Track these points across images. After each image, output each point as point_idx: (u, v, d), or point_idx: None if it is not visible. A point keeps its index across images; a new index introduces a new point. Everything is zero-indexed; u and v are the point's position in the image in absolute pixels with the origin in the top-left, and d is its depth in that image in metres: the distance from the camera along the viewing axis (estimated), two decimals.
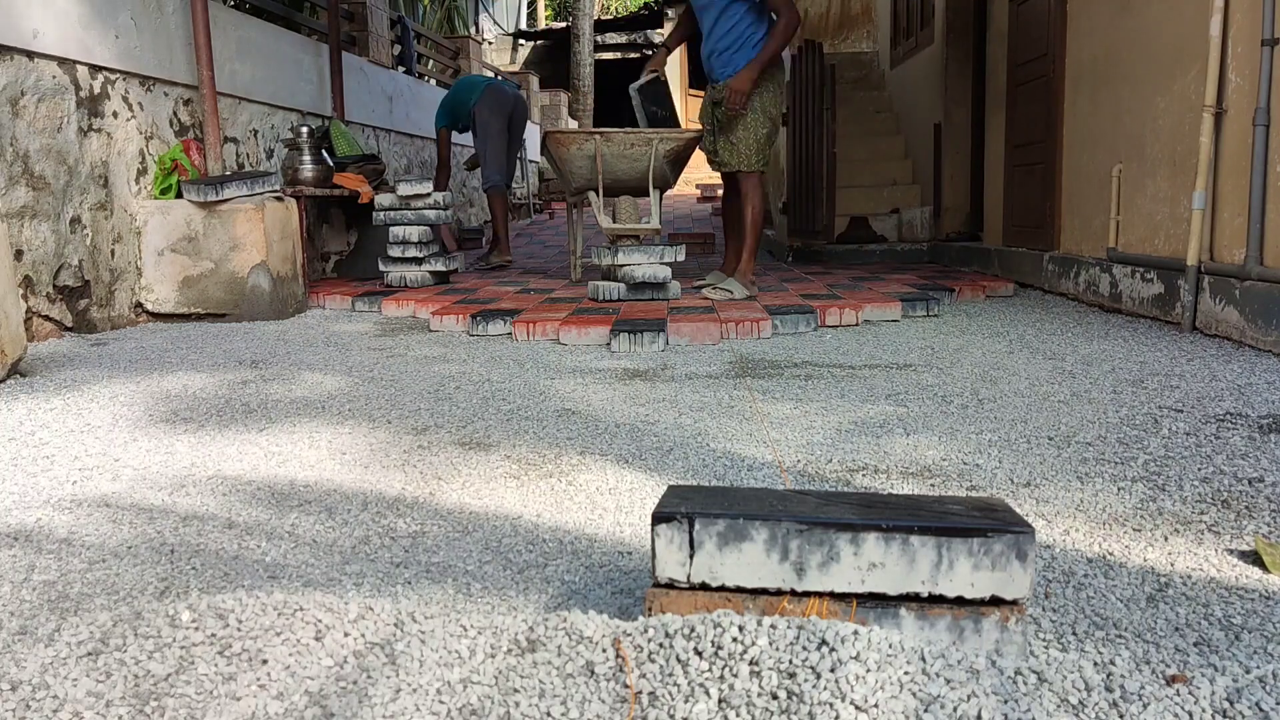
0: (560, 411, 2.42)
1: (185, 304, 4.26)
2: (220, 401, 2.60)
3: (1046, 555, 1.44)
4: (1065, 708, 0.89)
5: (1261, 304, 2.90)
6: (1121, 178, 3.89)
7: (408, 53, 8.35)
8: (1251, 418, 2.14)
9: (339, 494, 1.81)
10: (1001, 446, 2.02)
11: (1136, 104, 3.77)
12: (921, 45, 7.14)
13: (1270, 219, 2.93)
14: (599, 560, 1.47)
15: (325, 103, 6.17)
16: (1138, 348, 3.06)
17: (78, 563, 1.46)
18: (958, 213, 6.43)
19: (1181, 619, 1.22)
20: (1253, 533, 1.50)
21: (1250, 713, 0.88)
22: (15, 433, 2.27)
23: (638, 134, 4.57)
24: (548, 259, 7.15)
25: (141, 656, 0.99)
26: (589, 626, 1.00)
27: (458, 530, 1.61)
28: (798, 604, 1.04)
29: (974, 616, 1.02)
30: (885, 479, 1.83)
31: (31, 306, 3.58)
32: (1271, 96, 2.93)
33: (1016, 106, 5.15)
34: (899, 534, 1.02)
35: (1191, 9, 3.34)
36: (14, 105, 3.53)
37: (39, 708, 0.93)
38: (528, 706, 0.92)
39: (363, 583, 1.38)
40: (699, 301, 4.13)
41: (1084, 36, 4.29)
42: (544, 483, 1.86)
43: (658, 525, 1.06)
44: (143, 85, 4.31)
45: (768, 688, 0.91)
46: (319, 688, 0.95)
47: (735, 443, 2.10)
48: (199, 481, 1.90)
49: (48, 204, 3.70)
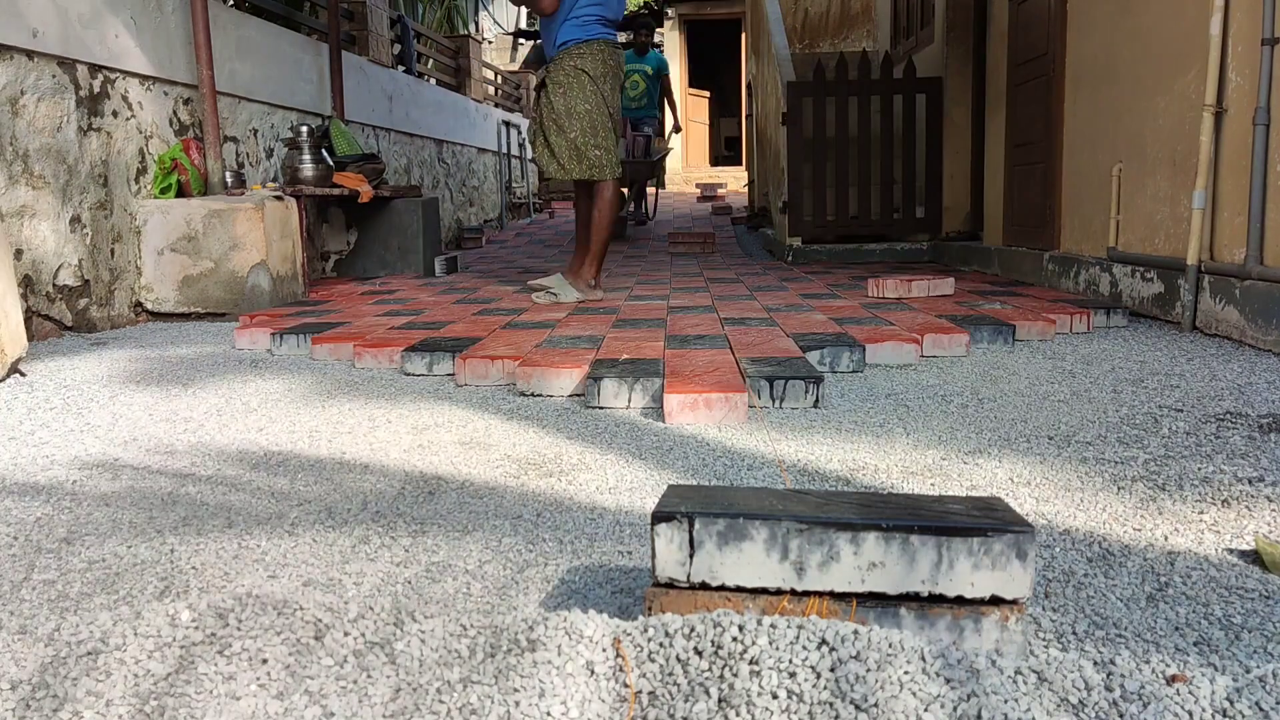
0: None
1: (185, 303, 4.26)
2: (220, 401, 2.60)
3: (1046, 555, 1.44)
4: (1065, 707, 0.89)
5: (1261, 303, 2.90)
6: (1122, 177, 3.89)
7: (408, 52, 8.36)
8: (1251, 417, 2.14)
9: (338, 494, 1.81)
10: (1001, 446, 2.02)
11: (1137, 103, 3.77)
12: (922, 44, 7.14)
13: (1270, 218, 2.93)
14: (599, 560, 1.47)
15: (325, 102, 6.17)
16: (1138, 347, 3.06)
17: (78, 562, 1.46)
18: (958, 212, 6.43)
19: (1181, 619, 1.22)
20: (1253, 533, 1.50)
21: (1250, 713, 0.88)
22: (15, 432, 2.27)
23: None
24: (547, 257, 7.15)
25: (141, 656, 0.99)
26: (589, 626, 1.00)
27: (458, 530, 1.61)
28: (798, 603, 1.04)
29: (974, 616, 1.02)
30: (885, 479, 1.83)
31: (31, 306, 3.59)
32: (1271, 96, 2.93)
33: (1017, 106, 5.15)
34: (899, 533, 1.02)
35: (1192, 8, 3.34)
36: (14, 104, 3.53)
37: (39, 707, 0.93)
38: (528, 706, 0.92)
39: (363, 582, 1.38)
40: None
41: (1084, 36, 4.29)
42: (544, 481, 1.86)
43: (658, 524, 1.06)
44: (142, 84, 4.31)
45: (768, 687, 0.91)
46: (319, 687, 0.95)
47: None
48: (199, 481, 1.90)
49: (47, 203, 3.70)
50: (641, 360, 2.70)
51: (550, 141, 4.06)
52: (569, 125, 4.03)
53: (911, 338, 2.98)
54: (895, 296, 4.11)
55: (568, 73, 4.01)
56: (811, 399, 2.41)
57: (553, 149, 4.07)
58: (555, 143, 4.05)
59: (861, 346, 2.88)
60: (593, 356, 2.77)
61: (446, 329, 3.46)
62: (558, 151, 4.06)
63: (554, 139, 4.06)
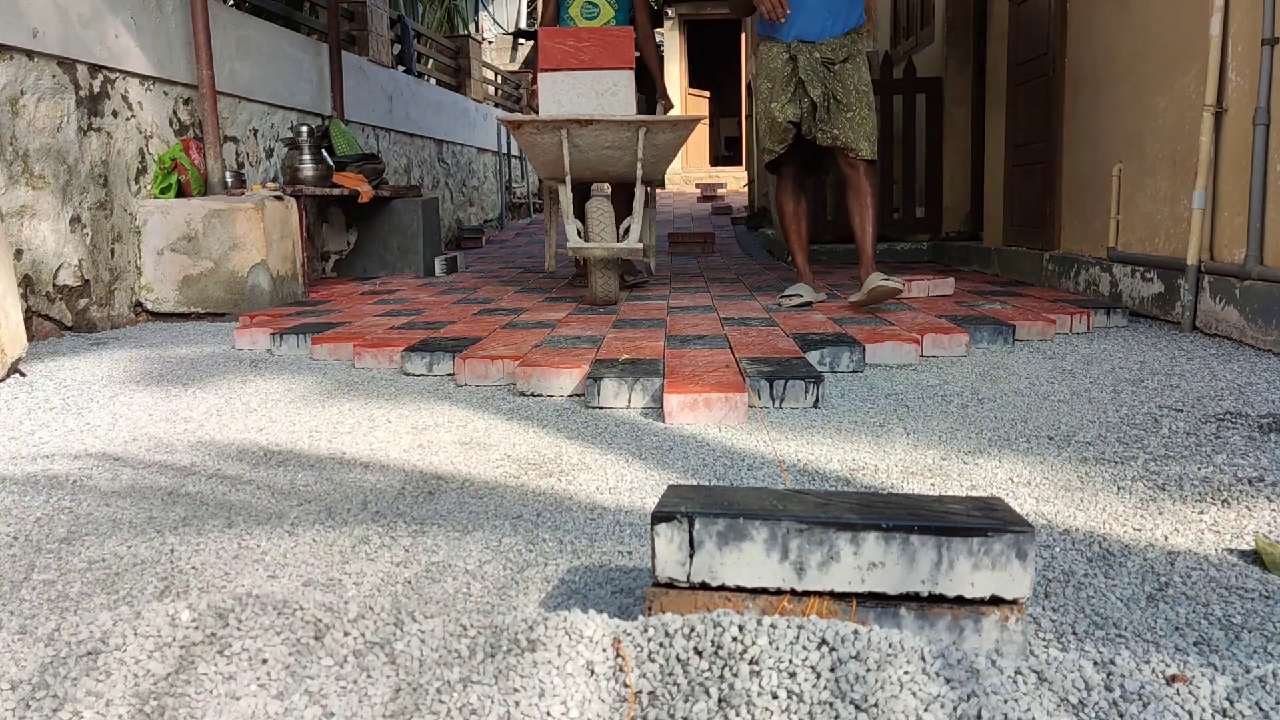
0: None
1: (185, 303, 4.26)
2: (220, 400, 2.60)
3: (1046, 555, 1.44)
4: (1065, 707, 0.89)
5: (1261, 303, 2.90)
6: (1122, 177, 3.89)
7: (408, 52, 8.36)
8: (1251, 417, 2.14)
9: (338, 494, 1.81)
10: (1001, 446, 2.02)
11: (1137, 103, 3.78)
12: (922, 44, 7.14)
13: (1270, 218, 2.93)
14: (599, 560, 1.47)
15: (325, 102, 6.17)
16: (1138, 347, 3.06)
17: (78, 562, 1.46)
18: (958, 212, 6.43)
19: (1181, 619, 1.22)
20: (1253, 533, 1.50)
21: (1250, 713, 0.88)
22: (15, 432, 2.27)
23: (617, 122, 3.77)
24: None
25: (141, 656, 0.99)
26: (589, 626, 1.00)
27: (458, 530, 1.61)
28: (798, 603, 1.04)
29: (974, 616, 1.02)
30: (885, 479, 1.83)
31: (31, 306, 3.59)
32: (1271, 96, 2.93)
33: (1017, 106, 5.15)
34: (899, 533, 1.02)
35: (1192, 8, 3.34)
36: (14, 104, 3.53)
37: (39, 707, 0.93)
38: (528, 706, 0.92)
39: (363, 582, 1.38)
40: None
41: (1084, 36, 4.29)
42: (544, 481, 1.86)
43: (657, 524, 1.06)
44: (142, 84, 4.31)
45: (768, 687, 0.91)
46: (319, 687, 0.95)
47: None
48: (199, 480, 1.90)
49: (47, 203, 3.70)
50: (641, 360, 2.70)
51: (864, 117, 3.77)
52: (871, 101, 3.82)
53: (911, 338, 2.97)
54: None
55: (862, 50, 3.83)
56: (811, 399, 2.41)
57: (864, 125, 3.78)
58: (867, 118, 3.77)
59: (861, 346, 2.88)
60: (593, 356, 2.77)
61: (446, 329, 3.46)
62: (867, 129, 3.79)
63: (868, 113, 3.78)
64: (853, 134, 3.77)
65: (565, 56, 3.98)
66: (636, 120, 3.77)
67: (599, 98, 3.97)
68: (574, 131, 3.79)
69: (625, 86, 3.97)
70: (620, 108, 3.96)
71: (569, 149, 3.84)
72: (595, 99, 3.98)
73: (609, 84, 3.97)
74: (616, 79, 3.98)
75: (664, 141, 3.91)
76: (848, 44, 3.80)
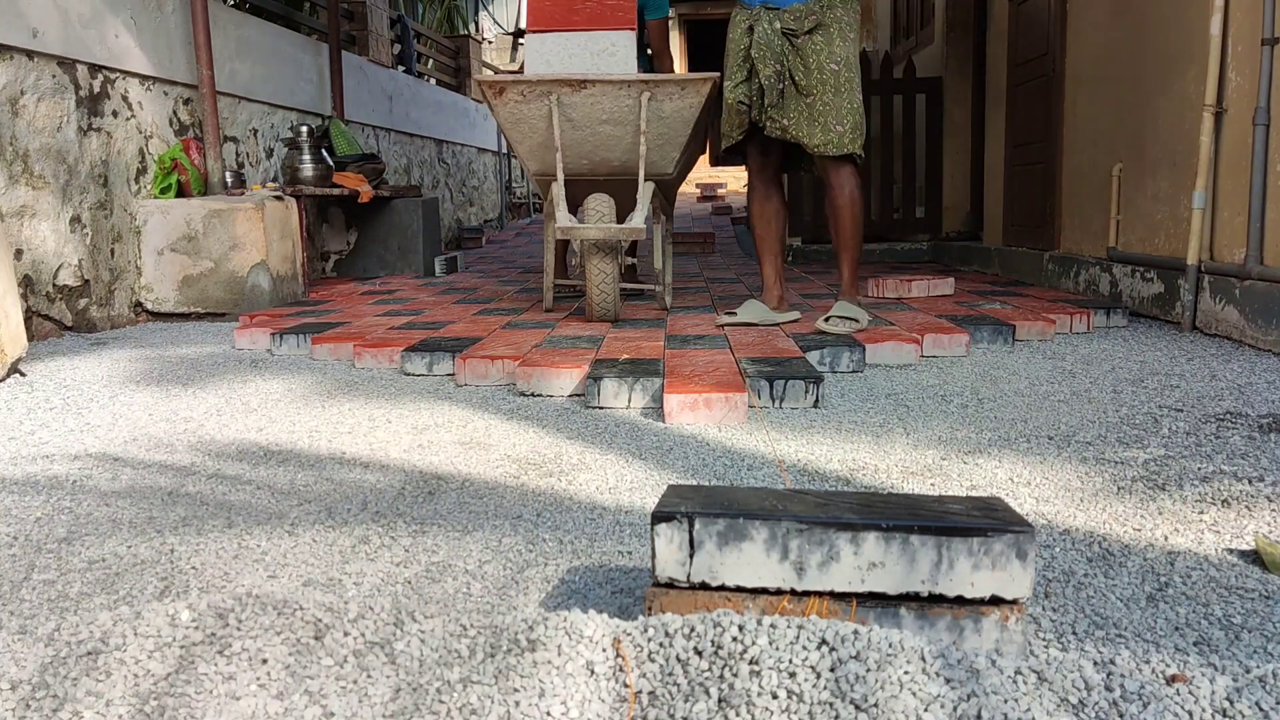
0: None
1: (185, 303, 4.26)
2: (220, 400, 2.60)
3: (1046, 555, 1.44)
4: (1065, 707, 0.89)
5: (1261, 303, 2.90)
6: (1121, 177, 3.89)
7: (408, 52, 8.36)
8: (1251, 417, 2.14)
9: (338, 494, 1.81)
10: (1001, 446, 2.02)
11: (1137, 103, 3.77)
12: (922, 44, 7.14)
13: (1270, 218, 2.93)
14: (599, 560, 1.47)
15: (325, 102, 6.17)
16: (1138, 347, 3.06)
17: (78, 562, 1.46)
18: (958, 212, 6.43)
19: (1181, 619, 1.22)
20: (1253, 533, 1.50)
21: (1250, 713, 0.88)
22: (15, 432, 2.27)
23: (616, 83, 3.20)
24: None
25: (141, 656, 0.99)
26: (589, 626, 1.00)
27: (458, 530, 1.61)
28: (798, 603, 1.04)
29: (974, 616, 1.02)
30: (885, 479, 1.83)
31: (31, 306, 3.59)
32: (1271, 96, 2.93)
33: (1017, 106, 5.15)
34: (899, 533, 1.02)
35: (1191, 9, 3.34)
36: (14, 104, 3.53)
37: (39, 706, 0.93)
38: (528, 706, 0.92)
39: (363, 582, 1.38)
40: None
41: (1084, 36, 4.29)
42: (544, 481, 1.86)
43: (658, 524, 1.06)
44: (142, 84, 4.31)
45: (768, 687, 0.91)
46: (319, 687, 0.95)
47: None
48: (199, 480, 1.90)
49: (47, 203, 3.70)
50: (641, 360, 2.70)
51: (829, 104, 3.05)
52: (857, 82, 3.08)
53: (911, 338, 2.97)
54: (895, 296, 4.11)
55: (854, 16, 3.12)
56: (811, 399, 2.41)
57: (828, 115, 3.05)
58: (833, 104, 3.05)
59: (861, 346, 2.88)
60: (592, 356, 2.77)
61: (446, 329, 3.46)
62: (831, 118, 3.06)
63: (842, 98, 3.05)
64: (808, 125, 3.08)
65: (557, 15, 3.38)
66: (639, 80, 3.22)
67: (595, 58, 3.37)
68: (566, 99, 3.27)
69: (626, 47, 3.37)
70: (619, 70, 3.38)
71: (559, 121, 3.31)
72: (590, 59, 3.37)
73: (607, 44, 3.37)
74: (616, 39, 3.36)
75: (671, 112, 3.33)
76: (817, 11, 3.08)
